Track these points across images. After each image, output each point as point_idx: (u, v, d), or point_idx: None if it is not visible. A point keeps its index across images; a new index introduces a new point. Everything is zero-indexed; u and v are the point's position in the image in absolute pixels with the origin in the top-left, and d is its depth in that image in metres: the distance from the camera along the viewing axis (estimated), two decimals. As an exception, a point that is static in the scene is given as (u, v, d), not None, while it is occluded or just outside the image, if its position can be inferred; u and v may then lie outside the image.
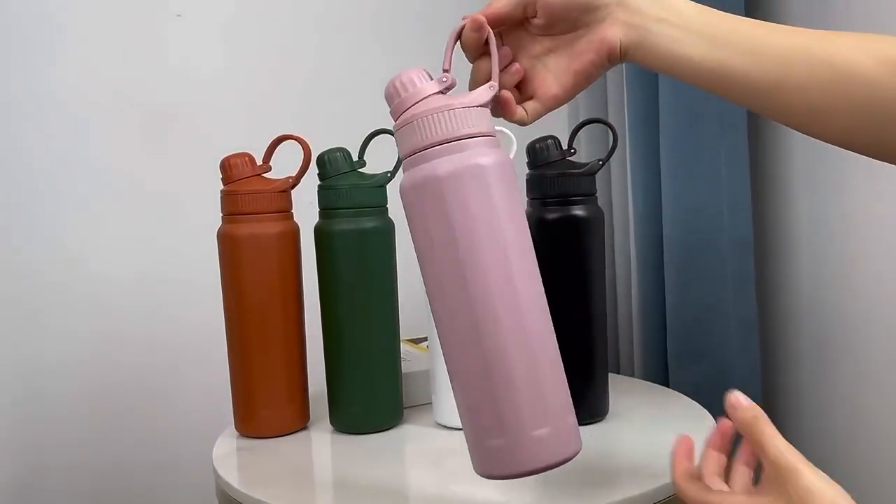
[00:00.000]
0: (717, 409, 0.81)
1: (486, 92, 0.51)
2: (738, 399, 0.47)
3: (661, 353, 1.00)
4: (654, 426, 0.78)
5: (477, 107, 0.50)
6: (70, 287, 1.02)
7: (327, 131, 0.82)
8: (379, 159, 0.78)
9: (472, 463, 0.50)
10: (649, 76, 0.98)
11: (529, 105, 0.55)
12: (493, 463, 0.49)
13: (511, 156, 0.75)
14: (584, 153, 1.14)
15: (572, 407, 0.50)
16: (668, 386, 0.95)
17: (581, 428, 0.76)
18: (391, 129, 0.77)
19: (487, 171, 0.48)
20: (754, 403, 0.47)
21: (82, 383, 1.03)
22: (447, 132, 0.48)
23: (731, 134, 0.90)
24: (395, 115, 0.52)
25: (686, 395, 0.87)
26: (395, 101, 0.52)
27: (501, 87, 0.53)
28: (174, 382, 1.07)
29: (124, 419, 1.05)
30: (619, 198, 1.12)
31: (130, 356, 1.05)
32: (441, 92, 0.51)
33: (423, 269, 0.51)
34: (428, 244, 0.49)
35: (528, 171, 0.78)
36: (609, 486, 0.62)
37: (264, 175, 0.79)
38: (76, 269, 1.02)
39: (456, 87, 0.53)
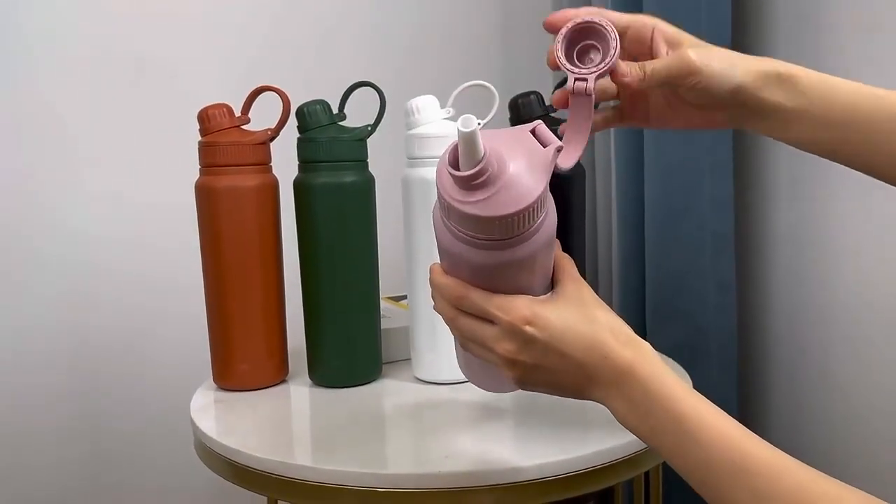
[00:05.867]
0: (694, 368, 0.82)
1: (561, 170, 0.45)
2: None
3: (639, 312, 1.01)
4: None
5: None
6: (46, 241, 1.01)
7: (307, 83, 0.81)
8: (359, 113, 0.77)
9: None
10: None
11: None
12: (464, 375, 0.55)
13: (493, 111, 0.74)
14: (567, 111, 1.13)
15: None
16: (645, 344, 0.96)
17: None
18: (372, 82, 0.77)
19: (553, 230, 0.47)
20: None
21: (62, 335, 1.02)
22: (536, 221, 0.44)
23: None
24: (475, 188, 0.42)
25: (663, 353, 0.88)
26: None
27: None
28: (153, 336, 1.07)
29: (103, 372, 1.05)
30: (602, 156, 1.11)
31: (109, 310, 1.04)
32: None
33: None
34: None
35: (510, 126, 0.78)
36: (583, 439, 0.63)
37: (243, 127, 0.78)
38: (52, 223, 1.01)
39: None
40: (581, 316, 0.49)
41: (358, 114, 0.77)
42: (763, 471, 0.42)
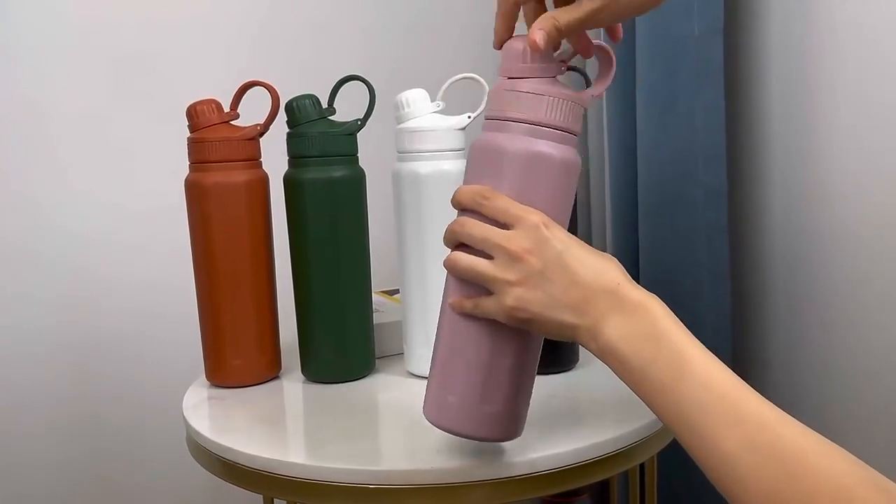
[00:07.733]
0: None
1: (591, 101, 0.54)
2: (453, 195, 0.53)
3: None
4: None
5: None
6: (37, 241, 1.00)
7: (296, 78, 0.81)
8: (348, 107, 0.77)
9: (423, 405, 0.56)
10: (627, 26, 0.96)
11: None
12: (438, 412, 0.55)
13: (483, 104, 0.74)
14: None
15: (521, 398, 0.56)
16: (639, 336, 0.95)
17: (551, 377, 0.76)
18: (361, 76, 0.76)
19: (579, 168, 0.55)
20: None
21: (56, 333, 1.02)
22: (569, 123, 0.53)
23: (708, 84, 0.89)
24: (517, 73, 0.53)
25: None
26: (523, 62, 0.53)
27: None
28: (145, 333, 1.06)
29: (95, 370, 1.04)
30: (595, 146, 1.11)
31: (101, 306, 1.04)
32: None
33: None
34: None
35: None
36: (575, 433, 0.63)
37: (232, 122, 0.77)
38: (42, 223, 1.00)
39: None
40: (597, 252, 0.51)
41: (348, 108, 0.77)
42: (762, 423, 0.41)
